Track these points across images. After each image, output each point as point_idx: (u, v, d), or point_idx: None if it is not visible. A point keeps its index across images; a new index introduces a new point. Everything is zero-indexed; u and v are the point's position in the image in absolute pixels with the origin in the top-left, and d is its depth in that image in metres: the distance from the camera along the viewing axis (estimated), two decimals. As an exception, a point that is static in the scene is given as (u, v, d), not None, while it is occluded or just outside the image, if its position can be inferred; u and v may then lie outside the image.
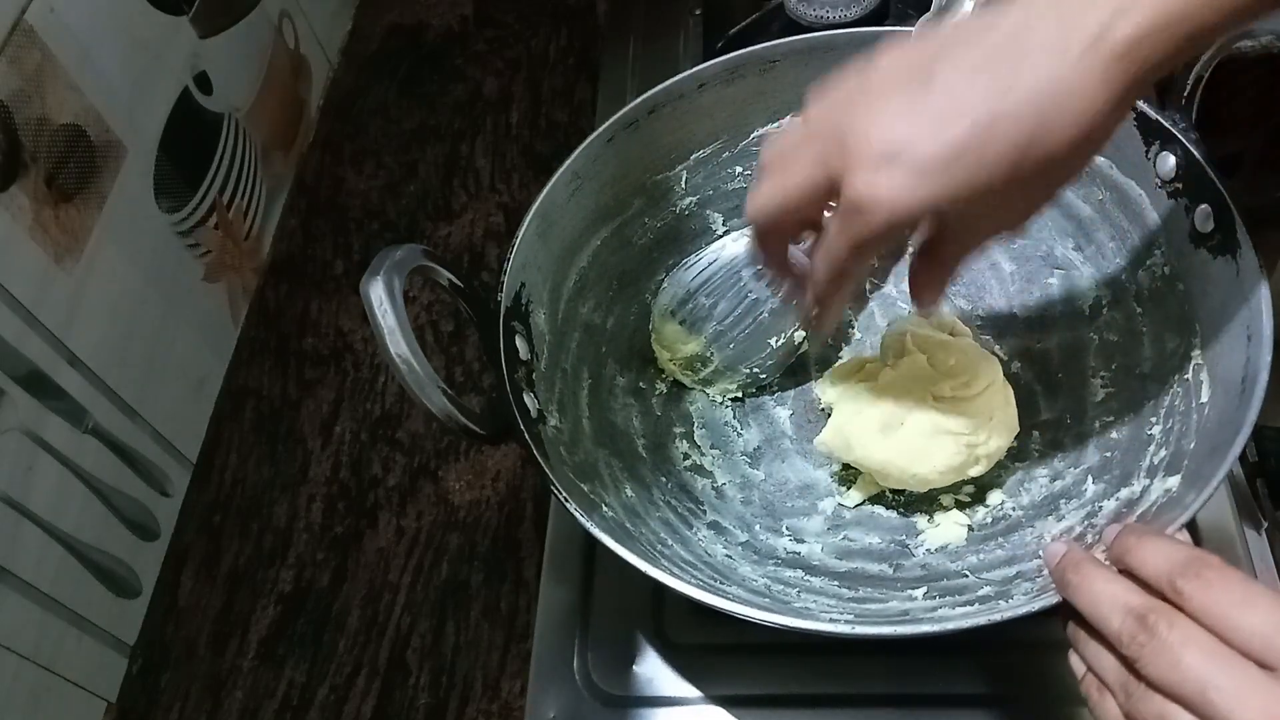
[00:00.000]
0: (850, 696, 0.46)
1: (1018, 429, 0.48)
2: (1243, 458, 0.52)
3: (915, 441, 0.46)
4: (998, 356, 0.51)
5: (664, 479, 0.51)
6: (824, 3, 0.67)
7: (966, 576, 0.44)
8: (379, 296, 0.40)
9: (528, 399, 0.45)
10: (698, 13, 0.77)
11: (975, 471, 0.47)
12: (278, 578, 0.65)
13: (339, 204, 0.85)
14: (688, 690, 0.47)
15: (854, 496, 0.49)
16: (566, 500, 0.40)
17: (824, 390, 0.52)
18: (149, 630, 0.64)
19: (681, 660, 0.47)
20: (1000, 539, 0.46)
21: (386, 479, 0.68)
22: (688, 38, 0.76)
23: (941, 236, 0.37)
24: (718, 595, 0.38)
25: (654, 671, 0.47)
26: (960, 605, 0.41)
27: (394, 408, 0.71)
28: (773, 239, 0.40)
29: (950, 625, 0.37)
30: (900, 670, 0.46)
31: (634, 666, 0.48)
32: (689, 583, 0.39)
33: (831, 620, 0.39)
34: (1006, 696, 0.45)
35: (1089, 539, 0.42)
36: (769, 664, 0.47)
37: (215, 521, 0.68)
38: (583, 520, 0.39)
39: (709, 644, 0.48)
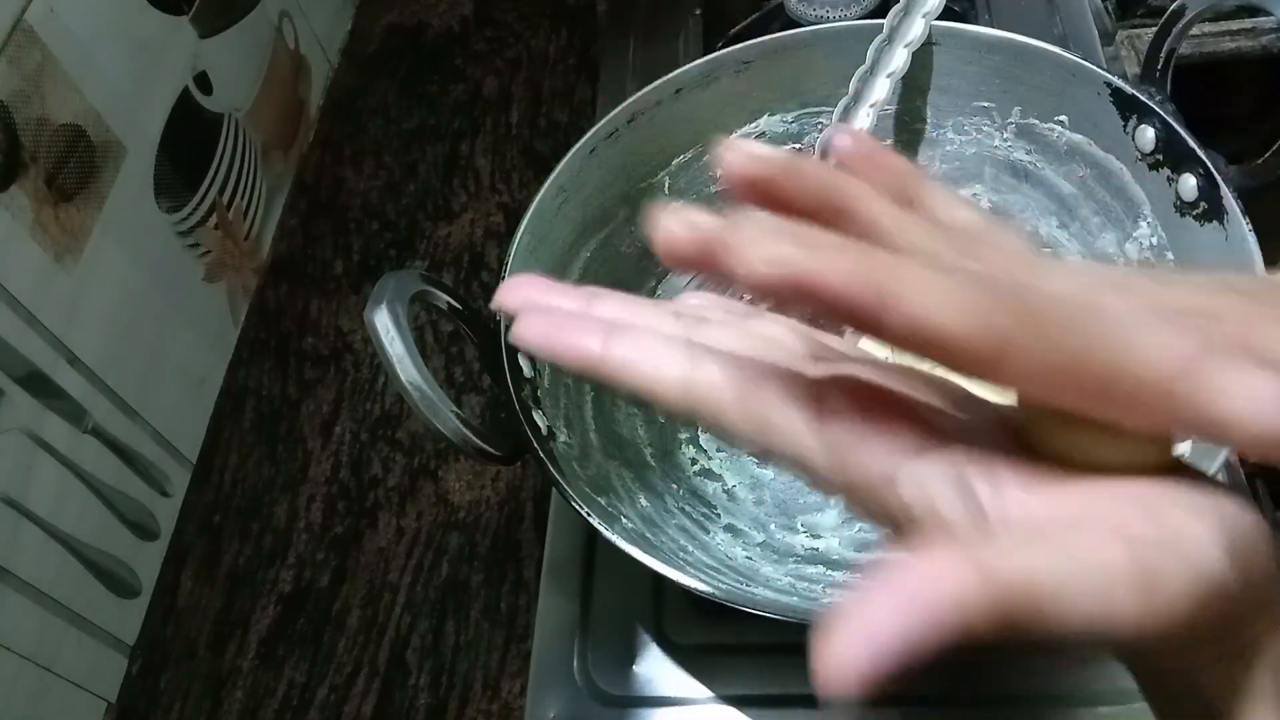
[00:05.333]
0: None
1: None
2: (1242, 458, 0.52)
3: None
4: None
5: (675, 486, 0.51)
6: (824, 3, 0.67)
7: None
8: (385, 325, 0.40)
9: (537, 416, 0.45)
10: (698, 13, 0.77)
11: None
12: (278, 578, 0.65)
13: (339, 204, 0.85)
14: (688, 690, 0.47)
15: None
16: (589, 515, 0.40)
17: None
18: (149, 630, 0.64)
19: (682, 660, 0.47)
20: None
21: (386, 479, 0.68)
22: (688, 38, 0.76)
23: None
24: (747, 599, 0.38)
25: (654, 671, 0.47)
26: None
27: (394, 408, 0.72)
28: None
29: None
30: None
31: (634, 666, 0.48)
32: (718, 588, 0.38)
33: None
34: (1006, 696, 0.45)
35: None
36: (769, 663, 0.47)
37: (215, 521, 0.68)
38: (607, 534, 0.39)
39: (709, 644, 0.48)
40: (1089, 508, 0.19)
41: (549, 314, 0.23)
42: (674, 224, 0.19)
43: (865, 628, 0.16)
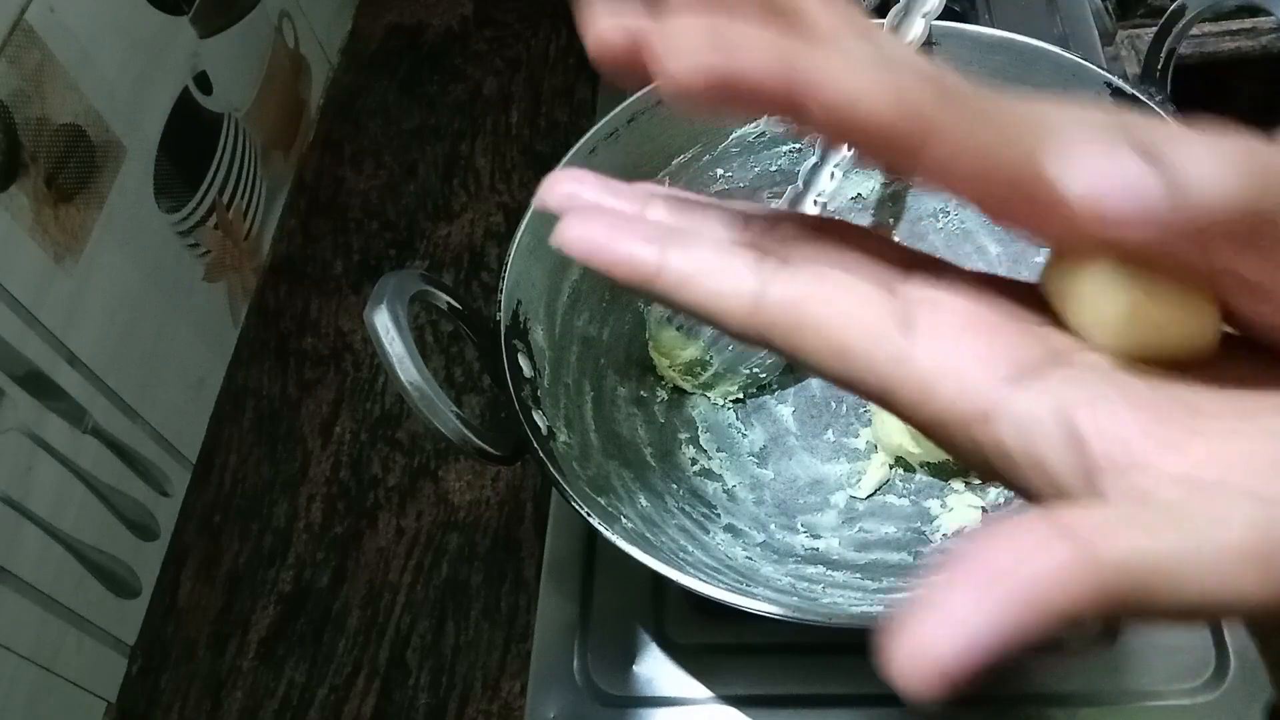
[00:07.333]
0: (850, 696, 0.46)
1: None
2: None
3: None
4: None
5: (675, 486, 0.51)
6: (824, 2, 0.67)
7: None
8: (385, 325, 0.40)
9: (537, 416, 0.45)
10: (698, 13, 0.77)
11: None
12: (277, 578, 0.65)
13: (339, 204, 0.85)
14: (688, 690, 0.47)
15: (865, 487, 0.50)
16: (589, 515, 0.40)
17: None
18: (149, 630, 0.64)
19: (682, 660, 0.48)
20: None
21: (386, 479, 0.68)
22: (688, 38, 0.76)
23: None
24: (747, 597, 0.38)
25: (654, 671, 0.47)
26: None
27: (394, 408, 0.72)
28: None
29: None
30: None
31: (634, 666, 0.48)
32: (718, 588, 0.39)
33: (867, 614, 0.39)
34: (1007, 696, 0.45)
35: None
36: (769, 663, 0.47)
37: (215, 521, 0.68)
38: (607, 534, 0.39)
39: (709, 644, 0.48)
40: (1215, 452, 0.17)
41: (598, 215, 0.20)
42: (606, 25, 0.19)
43: (951, 616, 0.14)
